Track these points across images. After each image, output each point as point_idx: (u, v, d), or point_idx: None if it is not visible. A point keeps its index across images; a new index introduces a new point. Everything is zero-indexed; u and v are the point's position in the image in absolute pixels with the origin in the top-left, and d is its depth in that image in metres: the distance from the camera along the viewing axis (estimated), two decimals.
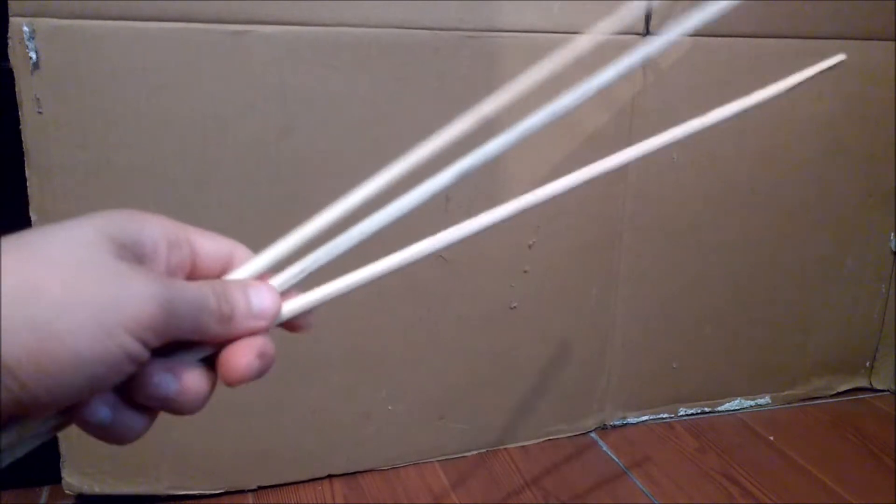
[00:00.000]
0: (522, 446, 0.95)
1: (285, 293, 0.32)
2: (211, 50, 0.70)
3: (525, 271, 0.89)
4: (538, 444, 0.96)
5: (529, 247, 0.88)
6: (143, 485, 0.81)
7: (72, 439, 0.78)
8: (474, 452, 0.93)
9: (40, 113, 0.68)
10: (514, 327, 0.90)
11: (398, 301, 0.84)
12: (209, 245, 0.31)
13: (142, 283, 0.24)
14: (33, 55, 0.66)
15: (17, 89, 0.67)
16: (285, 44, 0.72)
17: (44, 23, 0.66)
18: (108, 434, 0.28)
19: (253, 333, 0.30)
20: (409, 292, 0.84)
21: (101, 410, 0.27)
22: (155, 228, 0.28)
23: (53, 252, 0.23)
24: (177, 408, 0.28)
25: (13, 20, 0.65)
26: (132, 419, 0.28)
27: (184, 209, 0.74)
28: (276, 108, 0.73)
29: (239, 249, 0.32)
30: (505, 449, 0.94)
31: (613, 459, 0.93)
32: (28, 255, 0.23)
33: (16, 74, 0.67)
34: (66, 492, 0.79)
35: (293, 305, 0.32)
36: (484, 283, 0.87)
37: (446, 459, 0.92)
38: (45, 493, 0.83)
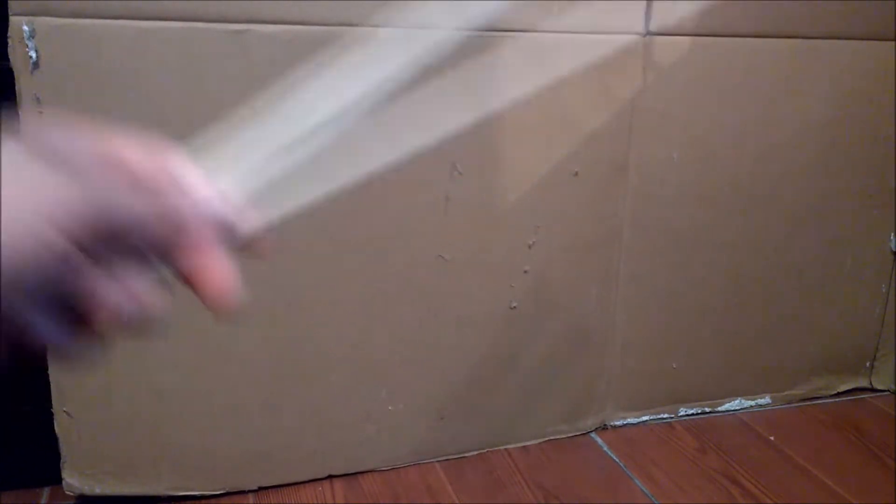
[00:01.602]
0: (523, 446, 0.95)
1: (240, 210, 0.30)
2: (211, 49, 0.70)
3: (525, 271, 0.89)
4: (538, 444, 0.96)
5: (529, 247, 0.88)
6: (144, 485, 0.81)
7: (72, 441, 0.78)
8: (474, 453, 0.93)
9: (40, 112, 0.68)
10: (514, 327, 0.90)
11: (398, 301, 0.84)
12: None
13: (64, 175, 0.22)
14: (33, 54, 0.66)
15: (17, 88, 0.67)
16: (286, 43, 0.72)
17: (44, 22, 0.66)
18: (62, 354, 0.25)
19: (206, 244, 0.27)
20: (409, 292, 0.84)
21: (48, 327, 0.24)
22: (85, 145, 0.25)
23: None
24: (127, 322, 0.25)
25: (13, 19, 0.65)
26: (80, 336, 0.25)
27: None
28: (276, 106, 0.73)
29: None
30: (505, 449, 0.94)
31: (614, 459, 0.93)
32: None
33: (16, 74, 0.67)
34: (67, 493, 0.79)
35: (243, 216, 0.29)
36: (484, 283, 0.87)
37: (446, 460, 0.92)
38: (45, 493, 0.82)
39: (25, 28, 0.65)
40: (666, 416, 1.03)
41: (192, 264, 0.27)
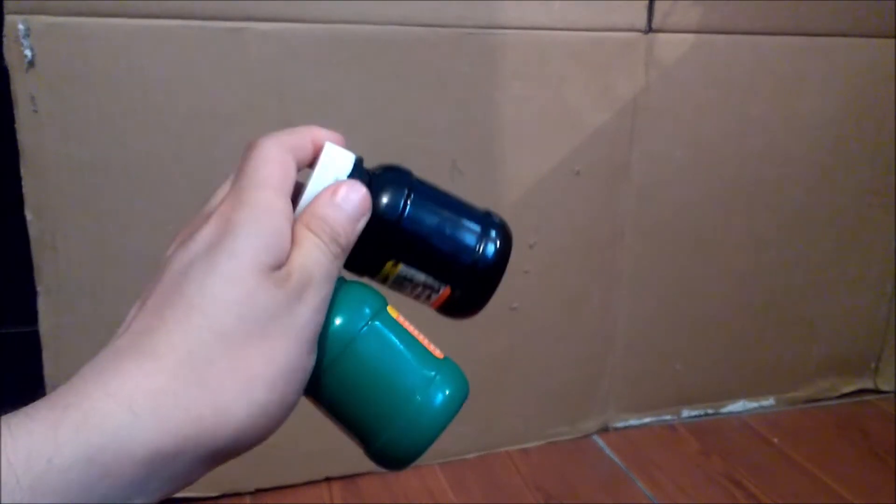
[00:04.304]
0: (523, 448, 0.94)
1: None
2: (207, 47, 0.70)
3: (526, 272, 0.88)
4: (539, 446, 0.95)
5: (530, 247, 0.87)
6: None
7: None
8: (474, 455, 0.92)
9: (35, 111, 0.67)
10: (514, 328, 0.89)
11: (398, 301, 0.83)
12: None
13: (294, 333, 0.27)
14: (28, 53, 0.66)
15: (12, 87, 0.67)
16: (282, 41, 0.71)
17: (39, 20, 0.65)
18: None
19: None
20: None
21: None
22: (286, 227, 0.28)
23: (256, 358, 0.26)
24: None
25: (8, 18, 0.65)
26: None
27: (179, 207, 0.73)
28: (273, 105, 0.73)
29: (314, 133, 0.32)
30: (506, 451, 0.94)
31: (615, 462, 0.92)
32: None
33: (11, 72, 0.66)
34: None
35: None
36: None
37: (446, 462, 0.91)
38: None
39: (21, 27, 0.65)
40: (668, 418, 1.02)
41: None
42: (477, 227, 0.33)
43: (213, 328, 0.25)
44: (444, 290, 0.33)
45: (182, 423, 0.24)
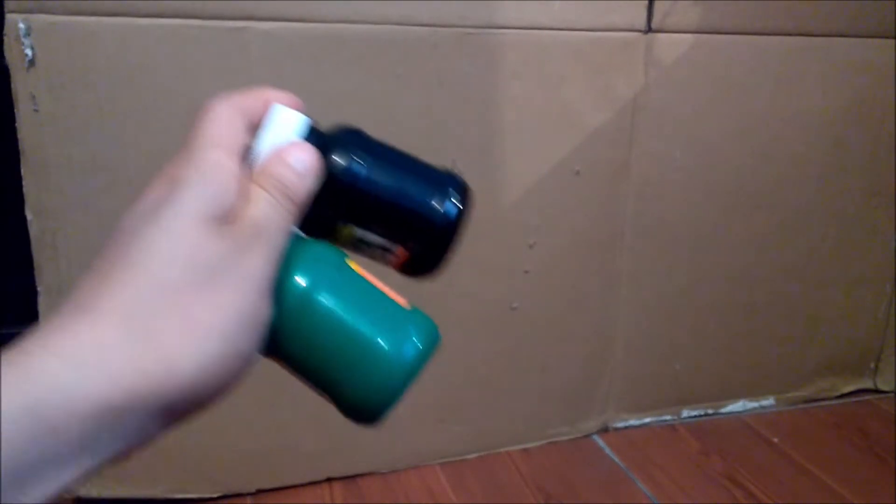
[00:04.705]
0: (524, 448, 0.94)
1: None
2: (208, 47, 0.70)
3: (526, 272, 0.88)
4: (539, 446, 0.95)
5: (530, 247, 0.87)
6: (141, 488, 0.80)
7: None
8: (475, 455, 0.92)
9: (36, 110, 0.67)
10: (514, 328, 0.89)
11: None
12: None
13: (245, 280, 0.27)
14: (29, 52, 0.66)
15: (12, 87, 0.66)
16: (283, 40, 0.71)
17: (39, 19, 0.65)
18: None
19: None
20: (408, 292, 0.83)
21: None
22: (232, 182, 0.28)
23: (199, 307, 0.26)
24: None
25: (9, 17, 0.65)
26: None
27: None
28: None
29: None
30: (506, 451, 0.93)
31: (615, 462, 0.92)
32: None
33: (11, 71, 0.66)
34: (63, 495, 0.78)
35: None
36: (484, 284, 0.87)
37: (447, 462, 0.91)
38: None
39: (21, 26, 0.65)
40: (668, 418, 1.02)
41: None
42: (432, 187, 0.32)
43: (157, 282, 0.25)
44: (403, 251, 0.32)
45: (127, 376, 0.24)
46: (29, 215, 0.70)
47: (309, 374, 0.30)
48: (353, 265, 0.31)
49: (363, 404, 0.30)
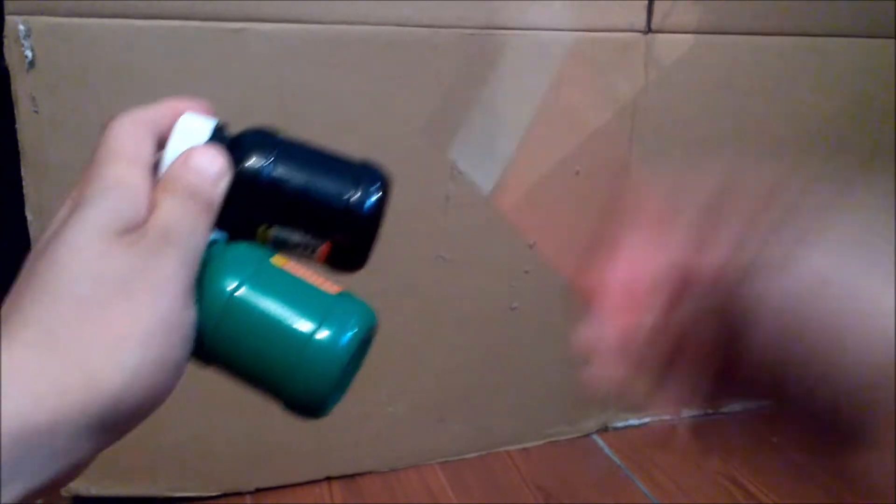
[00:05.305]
0: (523, 448, 0.94)
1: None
2: (208, 48, 0.70)
3: (526, 271, 0.88)
4: (539, 445, 0.95)
5: (530, 247, 0.87)
6: (140, 486, 0.80)
7: None
8: (474, 454, 0.93)
9: (36, 111, 0.67)
10: (514, 328, 0.89)
11: (398, 301, 0.84)
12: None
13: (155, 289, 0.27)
14: (29, 53, 0.66)
15: (12, 88, 0.67)
16: (283, 42, 0.72)
17: (39, 21, 0.65)
18: None
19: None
20: (409, 292, 0.84)
21: None
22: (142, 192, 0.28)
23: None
24: None
25: (9, 18, 0.65)
26: None
27: None
28: (274, 105, 0.73)
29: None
30: (505, 451, 0.94)
31: (615, 461, 0.93)
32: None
33: (11, 73, 0.66)
34: (63, 493, 0.79)
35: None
36: (484, 284, 0.87)
37: (446, 461, 0.91)
38: None
39: (21, 27, 0.65)
40: (668, 417, 1.02)
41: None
42: (347, 180, 0.32)
43: (69, 298, 0.25)
44: (324, 247, 0.32)
45: (51, 395, 0.23)
46: (29, 215, 0.70)
47: (246, 376, 0.30)
48: (279, 261, 0.31)
49: (302, 398, 0.30)
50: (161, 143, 0.30)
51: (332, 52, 0.73)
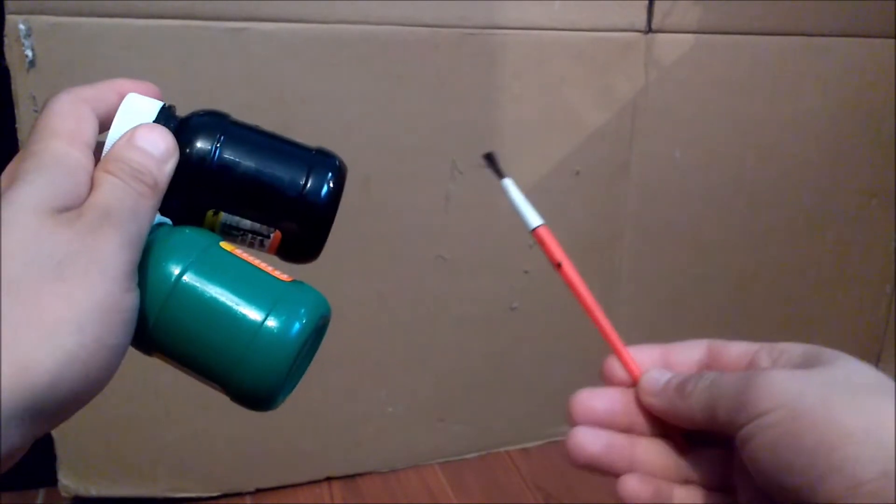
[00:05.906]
0: (523, 448, 0.94)
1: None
2: (209, 47, 0.70)
3: (525, 272, 0.88)
4: (539, 445, 0.95)
5: (530, 247, 0.87)
6: (140, 487, 0.80)
7: (68, 442, 0.77)
8: (475, 454, 0.93)
9: (36, 111, 0.67)
10: (514, 328, 0.89)
11: (398, 301, 0.83)
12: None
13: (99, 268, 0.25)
14: (29, 53, 0.66)
15: (13, 87, 0.67)
16: (284, 41, 0.72)
17: (40, 20, 0.65)
18: None
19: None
20: (409, 292, 0.84)
21: None
22: (82, 169, 0.27)
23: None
24: None
25: (9, 18, 0.65)
26: None
27: None
28: (275, 105, 0.73)
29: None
30: (506, 451, 0.94)
31: None
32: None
33: (12, 73, 0.66)
34: (63, 494, 0.79)
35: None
36: (484, 284, 0.87)
37: (446, 462, 0.91)
38: (41, 494, 0.82)
39: (22, 27, 0.65)
40: None
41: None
42: (299, 166, 0.31)
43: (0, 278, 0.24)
44: (275, 235, 0.31)
45: None
46: None
47: (192, 366, 0.29)
48: (227, 247, 0.30)
49: (250, 390, 0.29)
50: (105, 125, 0.29)
51: (333, 52, 0.73)
